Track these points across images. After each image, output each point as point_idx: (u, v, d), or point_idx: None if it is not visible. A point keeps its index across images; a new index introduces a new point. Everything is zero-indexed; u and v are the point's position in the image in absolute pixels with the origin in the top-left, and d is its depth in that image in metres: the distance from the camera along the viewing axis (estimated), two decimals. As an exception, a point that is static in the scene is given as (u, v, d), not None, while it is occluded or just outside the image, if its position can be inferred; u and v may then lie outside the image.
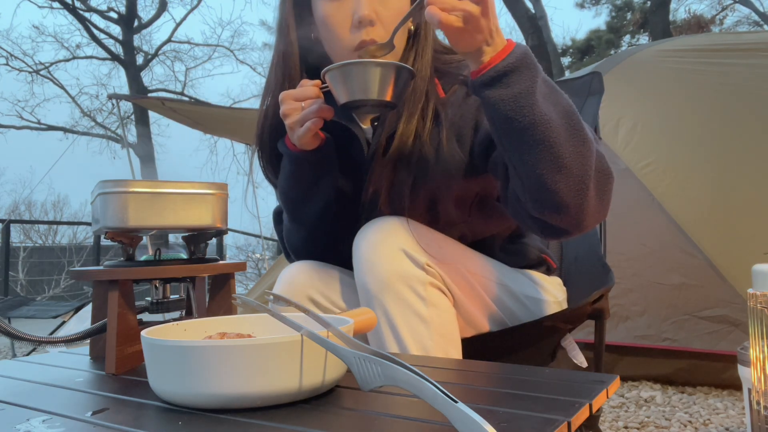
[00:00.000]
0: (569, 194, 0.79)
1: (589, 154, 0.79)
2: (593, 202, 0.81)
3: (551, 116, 0.76)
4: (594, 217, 0.84)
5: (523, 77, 0.76)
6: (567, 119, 0.78)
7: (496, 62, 0.76)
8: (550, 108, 0.77)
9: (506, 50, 0.76)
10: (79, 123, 13.54)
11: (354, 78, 0.82)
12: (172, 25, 16.80)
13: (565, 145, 0.77)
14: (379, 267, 0.86)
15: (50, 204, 14.72)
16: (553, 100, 0.78)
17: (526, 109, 0.76)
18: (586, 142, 0.79)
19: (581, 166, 0.78)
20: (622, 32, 12.82)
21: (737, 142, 2.46)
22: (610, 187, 0.83)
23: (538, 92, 0.76)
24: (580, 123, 0.79)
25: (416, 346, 0.85)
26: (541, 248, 1.14)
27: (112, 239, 0.79)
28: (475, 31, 0.74)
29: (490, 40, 0.75)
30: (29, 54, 14.83)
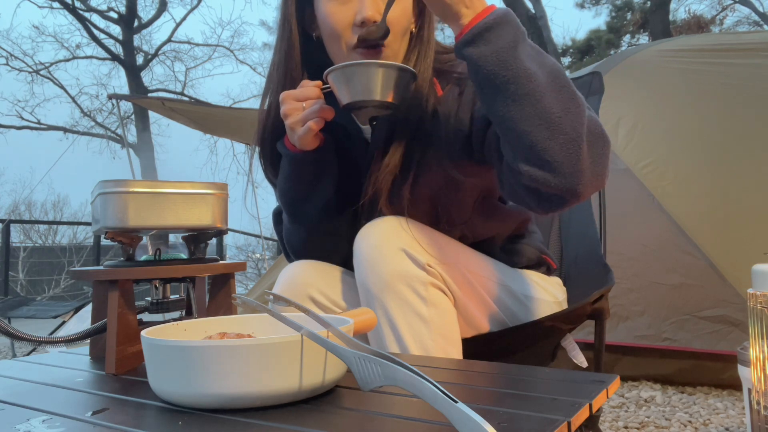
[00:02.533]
0: (560, 152, 0.77)
1: (580, 111, 0.78)
2: (587, 164, 0.79)
3: (536, 71, 0.76)
4: (590, 182, 0.80)
5: (504, 33, 0.76)
6: (553, 76, 0.77)
7: (477, 21, 0.76)
8: (534, 65, 0.77)
9: (487, 11, 0.77)
10: (79, 123, 13.56)
11: (357, 79, 0.82)
12: (172, 25, 16.81)
13: (552, 100, 0.76)
14: (380, 267, 0.86)
15: (50, 204, 14.74)
16: (538, 59, 0.78)
17: (509, 63, 0.76)
18: (576, 100, 0.78)
19: (571, 122, 0.77)
20: (622, 32, 12.82)
21: (737, 142, 2.46)
22: (606, 151, 0.81)
23: (521, 49, 0.77)
24: (568, 81, 0.78)
25: (417, 346, 0.85)
26: (541, 248, 1.14)
27: (112, 239, 0.79)
28: None
29: (468, 2, 0.76)
30: (29, 54, 14.86)
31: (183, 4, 17.77)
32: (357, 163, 1.02)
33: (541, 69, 0.77)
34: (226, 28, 29.61)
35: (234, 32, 15.42)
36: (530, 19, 9.11)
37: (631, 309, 2.27)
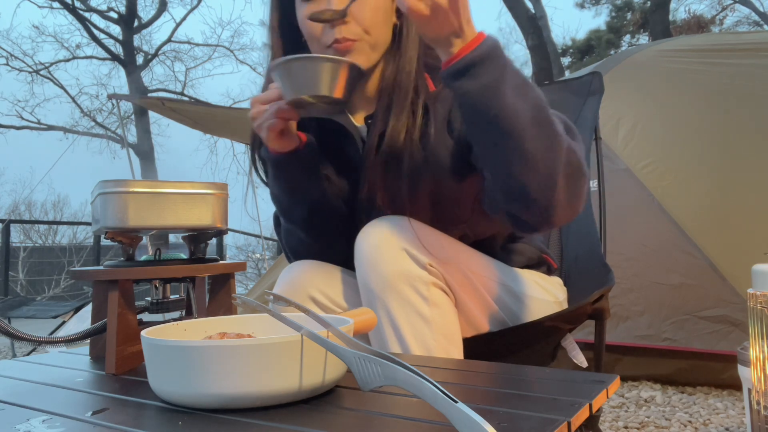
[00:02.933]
0: (536, 189, 0.79)
1: (557, 149, 0.78)
2: (562, 198, 0.81)
3: (519, 109, 0.76)
4: (564, 214, 0.83)
5: (490, 69, 0.76)
6: (536, 113, 0.77)
7: (464, 54, 0.76)
8: (518, 101, 0.77)
9: (475, 42, 0.76)
10: (79, 123, 13.56)
11: (294, 74, 0.82)
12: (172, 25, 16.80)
13: (533, 138, 0.77)
14: (381, 266, 0.86)
15: (50, 204, 14.74)
16: (522, 93, 0.77)
17: (493, 101, 0.76)
18: (555, 138, 0.78)
19: (548, 161, 0.78)
20: (622, 32, 12.83)
21: (737, 142, 2.46)
22: (583, 184, 0.82)
23: (507, 85, 0.76)
24: (550, 118, 0.79)
25: (418, 346, 0.85)
26: (541, 248, 1.14)
27: (112, 239, 0.79)
28: (443, 22, 0.74)
29: (459, 32, 0.76)
30: (29, 54, 14.84)
31: (183, 4, 17.76)
32: (353, 162, 1.03)
33: (525, 104, 0.77)
34: (226, 28, 29.62)
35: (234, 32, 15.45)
36: (530, 19, 9.10)
37: (631, 309, 2.27)
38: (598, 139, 1.44)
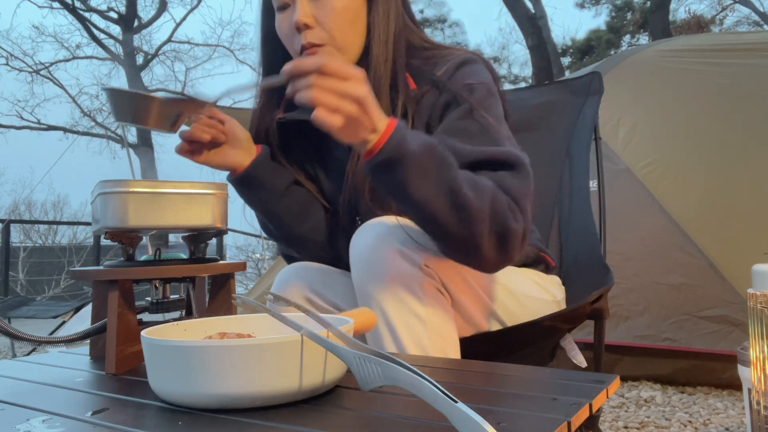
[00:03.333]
0: (463, 255, 0.85)
1: (477, 223, 0.80)
2: (492, 256, 0.83)
3: (429, 198, 0.78)
4: (497, 266, 0.88)
5: (398, 170, 0.77)
6: (452, 198, 0.79)
7: (375, 152, 0.77)
8: (429, 190, 0.78)
9: (382, 140, 0.77)
10: (79, 123, 13.54)
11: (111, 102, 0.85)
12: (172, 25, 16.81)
13: (449, 221, 0.80)
14: (376, 267, 0.86)
15: (50, 204, 14.76)
16: (437, 178, 0.79)
17: (405, 195, 0.79)
18: (473, 215, 0.79)
19: (469, 235, 0.81)
20: (622, 32, 12.82)
21: (737, 142, 2.46)
22: (513, 243, 0.83)
23: (417, 178, 0.78)
24: (465, 199, 0.79)
25: (414, 346, 0.85)
26: (539, 246, 1.14)
27: (112, 239, 0.79)
28: (356, 128, 0.76)
29: (373, 128, 0.77)
30: (29, 54, 14.84)
31: (183, 4, 17.76)
32: (343, 164, 1.03)
33: (439, 191, 0.78)
34: (226, 28, 29.64)
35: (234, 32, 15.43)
36: (530, 19, 9.11)
37: (631, 309, 2.27)
38: (598, 139, 1.44)
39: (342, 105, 0.73)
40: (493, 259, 0.84)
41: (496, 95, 0.97)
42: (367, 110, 0.75)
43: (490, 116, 0.91)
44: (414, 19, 1.06)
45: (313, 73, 0.73)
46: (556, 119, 1.52)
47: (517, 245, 0.84)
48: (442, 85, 0.95)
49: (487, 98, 0.94)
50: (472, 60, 1.00)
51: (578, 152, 1.43)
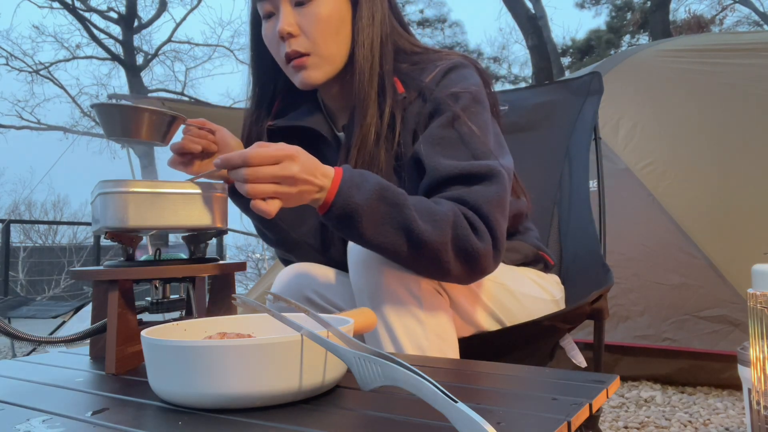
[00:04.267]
0: (430, 276, 0.87)
1: (436, 254, 0.81)
2: (462, 276, 0.85)
3: (386, 242, 0.81)
4: (469, 281, 0.88)
5: (348, 224, 0.80)
6: (407, 237, 0.80)
7: (326, 209, 0.80)
8: (385, 233, 0.80)
9: (329, 199, 0.79)
10: (79, 123, 13.55)
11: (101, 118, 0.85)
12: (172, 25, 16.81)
13: (407, 257, 0.82)
14: (374, 268, 0.86)
15: (50, 204, 14.75)
16: (389, 220, 0.80)
17: (362, 244, 0.83)
18: (432, 250, 0.81)
19: (430, 263, 0.83)
20: (622, 32, 12.82)
21: (737, 142, 2.46)
22: (482, 262, 0.84)
23: (368, 227, 0.80)
24: (421, 237, 0.80)
25: (412, 347, 0.85)
26: (537, 245, 1.14)
27: (112, 239, 0.79)
28: (300, 196, 0.78)
29: (318, 189, 0.79)
30: (29, 54, 14.86)
31: (183, 4, 17.78)
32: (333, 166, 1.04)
33: (396, 232, 0.80)
34: (226, 28, 29.57)
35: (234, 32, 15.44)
36: (530, 19, 9.11)
37: (631, 309, 2.27)
38: (598, 139, 1.44)
39: (278, 189, 0.76)
40: (465, 278, 0.86)
41: (482, 102, 0.96)
42: (306, 182, 0.77)
43: (473, 125, 0.91)
44: (403, 23, 1.06)
45: (242, 167, 0.74)
46: (556, 119, 1.52)
47: (487, 262, 0.85)
48: (428, 94, 0.95)
49: (471, 106, 0.93)
50: (462, 65, 0.99)
51: (578, 152, 1.43)
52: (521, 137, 1.52)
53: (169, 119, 0.86)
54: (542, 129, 1.53)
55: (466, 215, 0.83)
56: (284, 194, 0.76)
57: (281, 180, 0.75)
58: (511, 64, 14.64)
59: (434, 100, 0.94)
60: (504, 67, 14.38)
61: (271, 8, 0.98)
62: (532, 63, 9.26)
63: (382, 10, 1.00)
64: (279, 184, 0.76)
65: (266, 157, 0.75)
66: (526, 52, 9.62)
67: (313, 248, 1.09)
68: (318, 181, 0.78)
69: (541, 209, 1.41)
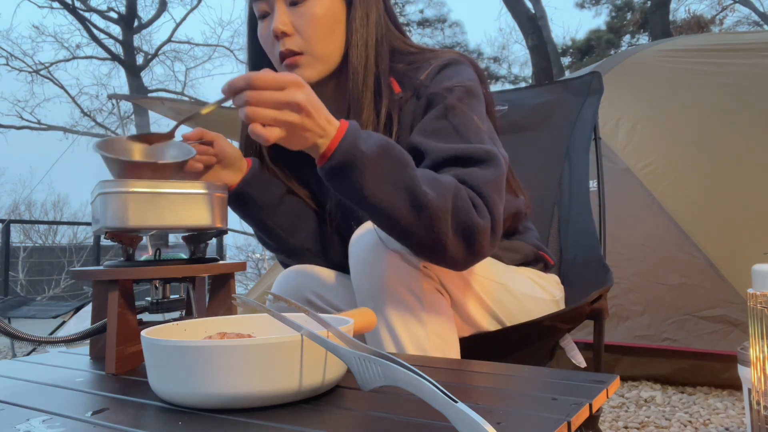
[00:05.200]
0: (425, 252, 0.83)
1: (439, 222, 0.78)
2: (460, 255, 0.82)
3: (387, 200, 0.77)
4: (466, 264, 0.85)
5: (350, 174, 0.76)
6: (410, 198, 0.77)
7: (328, 156, 0.76)
8: (386, 191, 0.77)
9: (333, 144, 0.76)
10: (79, 123, 13.55)
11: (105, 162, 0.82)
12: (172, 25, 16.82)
13: (409, 222, 0.78)
14: (375, 269, 0.86)
15: (50, 204, 14.74)
16: (392, 178, 0.77)
17: (361, 199, 0.78)
18: (434, 214, 0.78)
19: (431, 233, 0.79)
20: (622, 32, 12.82)
21: (737, 142, 2.46)
22: (479, 239, 0.82)
23: (372, 180, 0.76)
24: (424, 199, 0.78)
25: (414, 347, 0.85)
26: (537, 245, 1.14)
27: (112, 239, 0.79)
28: (302, 133, 0.75)
29: (321, 132, 0.76)
30: (29, 54, 14.86)
31: (183, 4, 17.78)
32: None
33: (396, 193, 0.77)
34: (226, 28, 29.56)
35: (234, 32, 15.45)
36: (530, 19, 9.11)
37: (631, 309, 2.27)
38: (598, 139, 1.44)
39: (280, 116, 0.73)
40: (461, 258, 0.83)
41: (477, 95, 0.96)
42: (310, 114, 0.74)
43: (467, 116, 0.91)
44: (398, 24, 1.06)
45: (246, 90, 0.72)
46: (556, 119, 1.52)
47: (485, 241, 0.82)
48: (423, 90, 0.95)
49: (465, 98, 0.93)
50: (456, 62, 0.99)
51: (578, 152, 1.43)
52: (521, 137, 1.52)
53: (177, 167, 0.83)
54: (542, 129, 1.53)
55: (467, 192, 0.82)
56: (285, 123, 0.73)
57: (284, 106, 0.72)
58: (511, 64, 14.65)
59: (428, 95, 0.94)
60: (504, 67, 14.39)
61: (266, 8, 0.98)
62: (532, 63, 9.27)
63: (377, 11, 1.00)
64: (281, 111, 0.72)
65: (271, 81, 0.72)
66: (526, 52, 9.62)
67: (313, 253, 1.09)
68: (321, 122, 0.75)
69: (541, 209, 1.41)
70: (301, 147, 0.77)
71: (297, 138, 0.76)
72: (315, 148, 0.77)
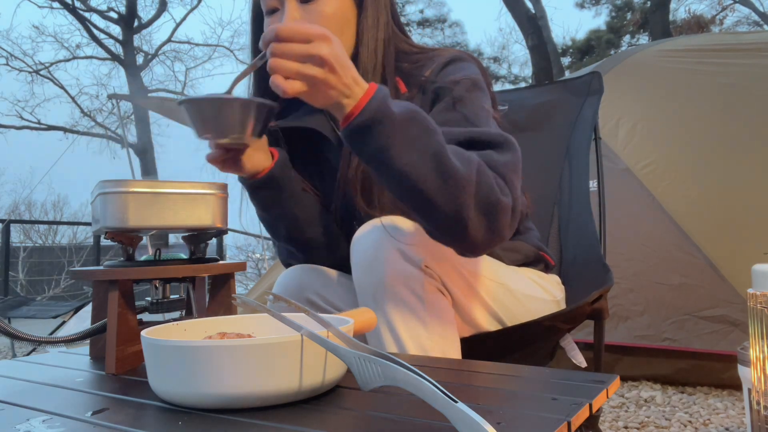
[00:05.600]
0: (447, 229, 0.81)
1: (463, 193, 0.77)
2: (479, 234, 0.80)
3: (415, 165, 0.75)
4: (485, 245, 0.83)
5: (378, 134, 0.74)
6: (436, 164, 0.76)
7: (353, 116, 0.74)
8: (414, 156, 0.75)
9: (362, 102, 0.74)
10: (79, 123, 13.56)
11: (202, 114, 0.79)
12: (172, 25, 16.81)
13: (433, 190, 0.77)
14: (376, 268, 0.86)
15: (50, 204, 14.75)
16: (420, 144, 0.76)
17: (386, 163, 0.76)
18: (459, 183, 0.77)
19: (454, 205, 0.77)
20: (622, 32, 12.83)
21: (737, 142, 2.46)
22: (502, 217, 0.80)
23: (399, 143, 0.75)
24: (451, 166, 0.76)
25: (415, 347, 0.85)
26: (538, 245, 1.14)
27: (112, 239, 0.79)
28: (325, 89, 0.73)
29: (347, 91, 0.74)
30: (29, 54, 14.85)
31: (183, 4, 17.76)
32: (335, 167, 1.03)
33: (422, 157, 0.76)
34: (226, 28, 29.57)
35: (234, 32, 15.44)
36: (530, 19, 9.11)
37: (631, 309, 2.27)
38: (598, 139, 1.44)
39: (302, 69, 0.71)
40: (480, 237, 0.81)
41: (483, 89, 0.96)
42: (334, 70, 0.72)
43: (475, 106, 0.91)
44: (401, 26, 1.06)
45: (272, 42, 0.71)
46: (556, 119, 1.52)
47: (506, 221, 0.81)
48: (428, 85, 0.96)
49: (471, 90, 0.93)
50: (459, 58, 1.00)
51: (578, 152, 1.43)
52: (521, 137, 1.50)
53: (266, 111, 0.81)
54: (542, 129, 1.53)
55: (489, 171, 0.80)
56: (307, 77, 0.71)
57: (308, 59, 0.71)
58: (511, 64, 14.66)
59: (435, 89, 0.94)
60: (504, 67, 14.39)
61: (276, 3, 0.97)
62: (532, 63, 9.27)
63: (387, 13, 1.01)
64: (304, 64, 0.71)
65: (297, 33, 0.71)
66: (526, 52, 9.63)
67: (324, 247, 1.07)
68: (347, 81, 0.73)
69: (541, 209, 1.41)
70: (323, 105, 0.76)
71: (319, 94, 0.74)
72: (339, 108, 0.76)
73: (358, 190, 0.98)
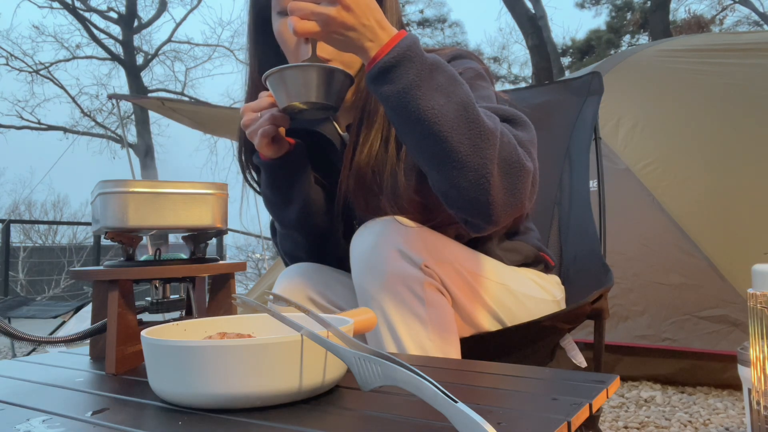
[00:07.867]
0: (470, 189, 0.77)
1: (488, 146, 0.75)
2: (500, 196, 0.78)
3: (441, 110, 0.74)
4: (504, 211, 0.81)
5: (407, 72, 0.73)
6: (462, 112, 0.74)
7: (380, 57, 0.74)
8: (441, 101, 0.74)
9: (390, 44, 0.74)
10: (79, 123, 13.56)
11: (291, 81, 0.82)
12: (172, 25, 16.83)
13: (459, 138, 0.74)
14: (376, 268, 0.86)
15: (50, 204, 14.76)
16: (447, 91, 0.75)
17: (412, 105, 0.74)
18: (485, 136, 0.75)
19: (478, 158, 0.75)
20: (622, 32, 12.83)
21: (737, 141, 2.46)
22: (523, 179, 0.79)
23: (426, 86, 0.73)
24: (477, 117, 0.75)
25: (414, 347, 0.85)
26: (539, 246, 1.14)
27: (112, 239, 0.79)
28: (343, 30, 0.73)
29: (369, 34, 0.73)
30: (29, 54, 14.87)
31: (183, 4, 17.80)
32: (338, 168, 1.04)
33: (449, 104, 0.74)
34: (226, 28, 29.57)
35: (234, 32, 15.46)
36: (530, 19, 9.11)
37: (631, 309, 2.27)
38: (598, 139, 1.44)
39: (315, 8, 0.71)
40: (501, 200, 0.78)
41: (487, 80, 0.97)
42: (349, 8, 0.71)
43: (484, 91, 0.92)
44: (403, 27, 1.06)
45: None
46: (556, 119, 1.52)
47: (527, 187, 0.79)
48: None
49: (476, 80, 0.94)
50: (461, 55, 1.01)
51: (578, 152, 1.43)
52: (521, 137, 1.52)
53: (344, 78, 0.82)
54: (542, 129, 1.52)
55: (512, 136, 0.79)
56: (322, 15, 0.71)
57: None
58: (511, 64, 14.66)
59: None
60: (504, 67, 14.39)
61: None
62: (532, 63, 9.27)
63: (397, 17, 1.01)
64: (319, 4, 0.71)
65: None
66: (526, 52, 9.63)
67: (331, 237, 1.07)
68: (368, 22, 0.72)
69: (541, 209, 1.41)
70: (345, 48, 0.75)
71: (338, 37, 0.73)
72: (364, 52, 0.75)
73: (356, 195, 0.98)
